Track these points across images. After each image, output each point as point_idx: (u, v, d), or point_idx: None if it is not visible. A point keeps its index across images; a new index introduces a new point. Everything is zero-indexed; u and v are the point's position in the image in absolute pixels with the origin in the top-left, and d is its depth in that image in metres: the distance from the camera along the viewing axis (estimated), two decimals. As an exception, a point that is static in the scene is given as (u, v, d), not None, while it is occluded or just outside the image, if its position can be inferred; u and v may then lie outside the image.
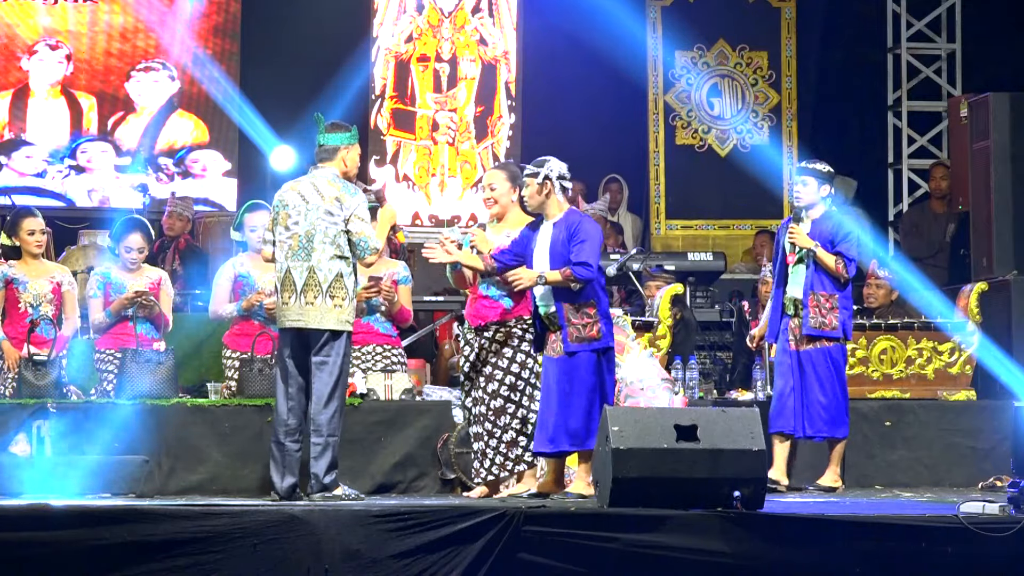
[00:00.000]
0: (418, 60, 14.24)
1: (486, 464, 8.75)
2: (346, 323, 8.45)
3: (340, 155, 8.56)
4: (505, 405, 8.72)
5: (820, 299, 9.30)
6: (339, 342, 8.42)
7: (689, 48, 14.20)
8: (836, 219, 9.43)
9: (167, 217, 12.71)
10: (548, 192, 8.64)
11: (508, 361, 8.73)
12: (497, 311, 8.78)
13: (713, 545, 7.52)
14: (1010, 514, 7.72)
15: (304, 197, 8.47)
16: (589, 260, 8.49)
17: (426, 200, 14.18)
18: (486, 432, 8.74)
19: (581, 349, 8.53)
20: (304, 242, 8.42)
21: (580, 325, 8.55)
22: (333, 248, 8.41)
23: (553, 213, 8.67)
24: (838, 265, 9.28)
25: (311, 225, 8.43)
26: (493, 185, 8.88)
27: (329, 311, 8.39)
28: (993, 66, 14.17)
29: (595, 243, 8.59)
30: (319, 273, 8.40)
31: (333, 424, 8.39)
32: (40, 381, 9.38)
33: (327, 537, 7.45)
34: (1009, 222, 11.70)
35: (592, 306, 8.57)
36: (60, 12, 14.05)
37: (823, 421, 9.33)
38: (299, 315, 8.41)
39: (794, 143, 14.24)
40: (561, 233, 8.58)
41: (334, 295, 8.40)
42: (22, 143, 13.99)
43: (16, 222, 9.96)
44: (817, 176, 9.46)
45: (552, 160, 8.72)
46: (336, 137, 8.58)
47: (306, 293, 8.40)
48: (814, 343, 9.33)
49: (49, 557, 7.34)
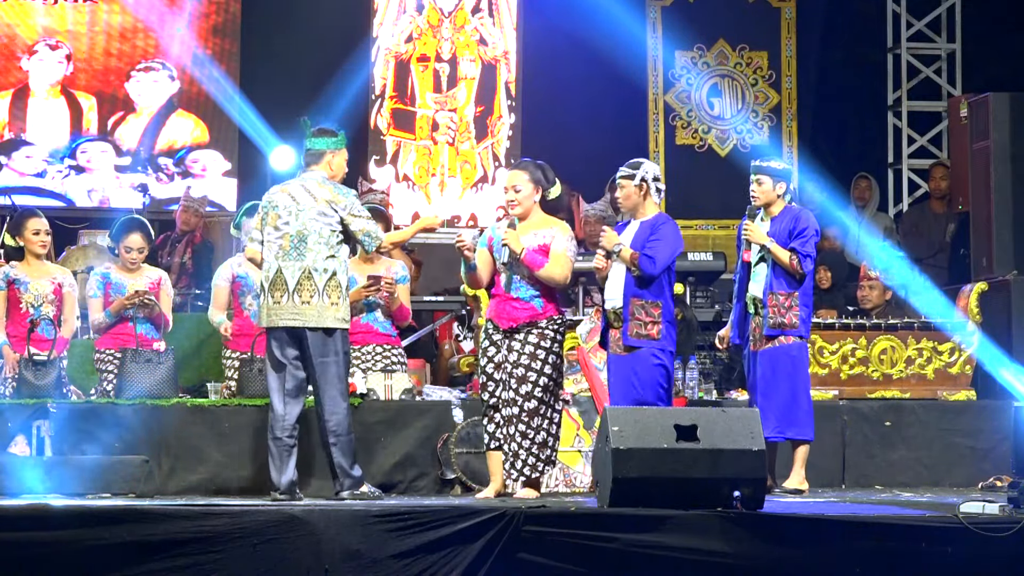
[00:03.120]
0: (418, 60, 14.24)
1: (518, 465, 8.71)
2: (343, 321, 8.55)
3: (326, 159, 8.64)
4: (539, 407, 8.69)
5: (779, 298, 9.20)
6: (338, 340, 8.52)
7: (689, 48, 14.20)
8: (794, 215, 9.35)
9: (182, 211, 12.77)
10: (645, 194, 8.95)
11: (542, 363, 8.70)
12: (528, 312, 8.76)
13: (713, 545, 7.52)
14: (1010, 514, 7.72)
15: (295, 198, 8.53)
16: (657, 257, 8.80)
17: (426, 200, 14.18)
18: (520, 433, 8.68)
19: (641, 345, 8.78)
20: (296, 242, 8.48)
21: (642, 322, 8.81)
22: (327, 248, 8.51)
23: (644, 213, 8.99)
24: (792, 261, 9.16)
25: (303, 226, 8.48)
26: (517, 187, 8.84)
27: (327, 309, 8.47)
28: (993, 66, 14.17)
29: (670, 246, 8.88)
30: (315, 273, 8.46)
31: (349, 421, 8.57)
32: (40, 381, 9.39)
33: (327, 537, 7.45)
34: (1009, 222, 11.69)
35: (657, 307, 8.84)
36: (59, 12, 14.05)
37: (780, 421, 9.10)
38: (294, 314, 8.46)
39: (794, 143, 14.24)
40: (645, 232, 8.91)
41: (330, 294, 8.47)
42: (22, 143, 13.99)
43: (21, 222, 9.98)
44: (772, 173, 9.37)
45: (646, 162, 9.03)
46: (323, 141, 8.65)
47: (300, 293, 8.45)
48: (773, 342, 9.24)
49: (49, 557, 7.34)
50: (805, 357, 9.35)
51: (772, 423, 8.96)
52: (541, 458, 8.70)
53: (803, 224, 9.24)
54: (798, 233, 9.20)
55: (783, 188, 9.38)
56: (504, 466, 8.76)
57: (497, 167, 14.19)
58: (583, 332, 10.01)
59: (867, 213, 13.55)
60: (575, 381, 9.90)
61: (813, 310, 9.52)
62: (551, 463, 8.77)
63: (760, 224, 9.32)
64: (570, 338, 10.05)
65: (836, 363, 10.67)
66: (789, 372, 9.20)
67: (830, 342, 10.67)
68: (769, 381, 9.20)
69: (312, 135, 8.67)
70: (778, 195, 9.36)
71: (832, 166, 14.04)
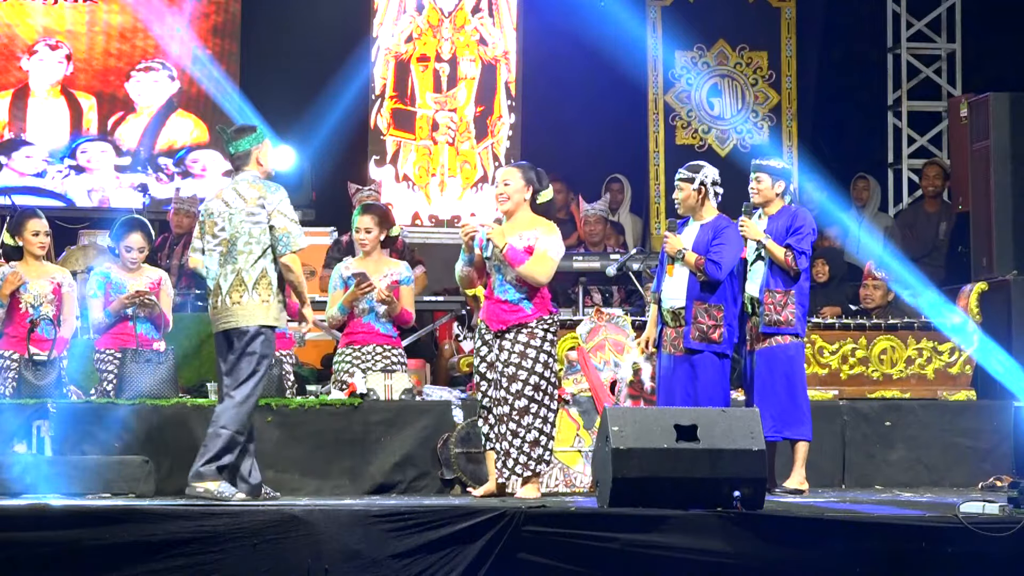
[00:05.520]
0: (418, 60, 14.24)
1: (509, 464, 8.72)
2: (274, 320, 8.44)
3: (254, 156, 8.59)
4: (529, 405, 8.71)
5: (775, 296, 9.21)
6: (259, 342, 8.39)
7: (689, 48, 14.19)
8: (791, 213, 9.35)
9: (174, 214, 12.75)
10: (703, 197, 9.15)
11: (532, 362, 8.72)
12: (517, 315, 8.78)
13: (713, 545, 7.53)
14: (1010, 514, 7.72)
15: (227, 203, 8.52)
16: (723, 262, 8.97)
17: (426, 200, 14.18)
18: (511, 432, 8.71)
19: (703, 348, 8.94)
20: (231, 247, 8.45)
21: (705, 326, 8.96)
22: (259, 247, 8.43)
23: (703, 216, 9.16)
24: (787, 257, 9.19)
25: (235, 229, 8.46)
26: (508, 181, 8.87)
27: (257, 307, 8.40)
28: (993, 66, 14.16)
29: (734, 249, 9.04)
30: (244, 274, 8.41)
31: (230, 418, 8.33)
32: (40, 381, 9.39)
33: (327, 537, 7.45)
34: (1009, 222, 11.69)
35: (720, 310, 8.99)
36: (59, 12, 14.05)
37: (777, 421, 9.12)
38: (227, 317, 8.44)
39: (794, 143, 14.23)
40: (707, 234, 9.05)
41: (260, 292, 8.40)
42: (22, 143, 13.98)
43: (21, 222, 9.98)
44: (772, 172, 9.40)
45: (706, 166, 9.22)
46: (245, 141, 8.61)
47: (231, 294, 8.41)
48: (770, 341, 9.25)
49: (49, 557, 7.34)
50: (802, 357, 9.36)
51: (769, 423, 8.95)
52: (533, 456, 8.70)
53: (800, 222, 9.26)
54: (794, 230, 9.22)
55: (782, 187, 9.39)
56: (496, 465, 8.79)
57: (497, 167, 14.18)
58: (583, 332, 10.02)
59: (867, 213, 13.55)
60: (575, 381, 9.90)
61: (812, 306, 9.52)
62: (545, 462, 8.76)
63: (758, 223, 9.33)
64: (570, 338, 10.06)
65: (836, 363, 10.68)
66: (786, 372, 9.21)
67: (830, 342, 10.68)
68: (766, 381, 9.21)
69: (232, 137, 8.61)
70: (777, 193, 9.38)
71: (832, 166, 14.03)
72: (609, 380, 9.86)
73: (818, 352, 10.60)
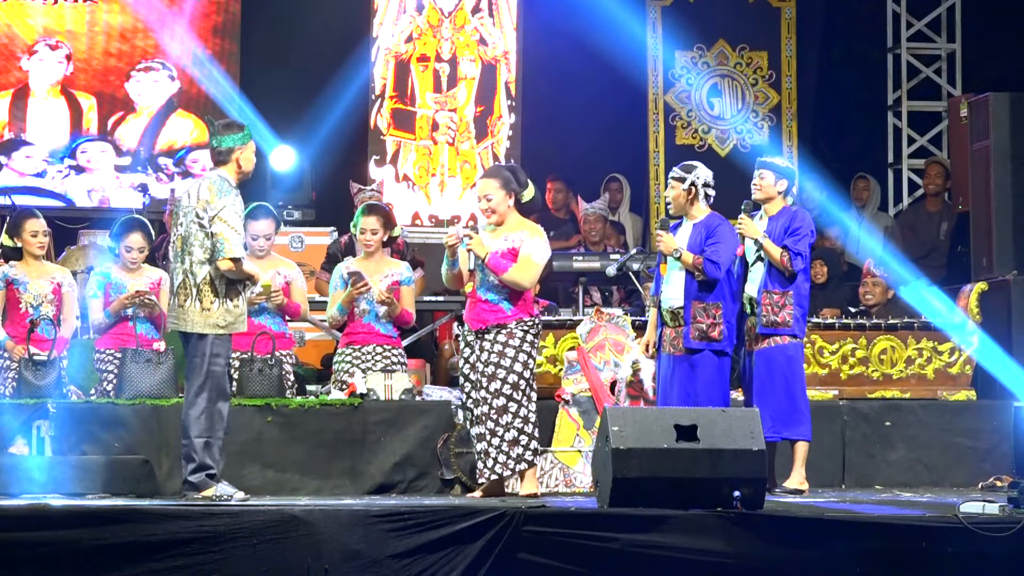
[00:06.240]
0: (418, 60, 14.23)
1: (488, 463, 8.76)
2: (215, 327, 8.39)
3: (235, 156, 8.50)
4: (507, 404, 8.73)
5: (773, 297, 9.21)
6: (208, 343, 8.37)
7: (689, 48, 14.18)
8: (791, 214, 9.34)
9: (170, 215, 12.71)
10: (693, 198, 9.14)
11: (511, 361, 8.76)
12: (496, 315, 8.81)
13: (713, 545, 7.53)
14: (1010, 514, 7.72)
15: (189, 197, 8.48)
16: (720, 261, 8.99)
17: (426, 200, 14.17)
18: (488, 432, 8.75)
19: (703, 347, 8.96)
20: (182, 244, 8.43)
21: (704, 324, 8.97)
22: (202, 252, 8.37)
23: (695, 216, 9.16)
24: (783, 257, 9.18)
25: (186, 228, 8.44)
26: (489, 196, 8.91)
27: (197, 314, 8.38)
28: (993, 66, 14.16)
29: (730, 247, 9.05)
30: (190, 277, 8.40)
31: (201, 426, 8.36)
32: (40, 381, 9.39)
33: (327, 537, 7.46)
34: (1009, 222, 11.69)
35: (718, 308, 9.00)
36: (59, 12, 14.04)
37: (776, 421, 9.10)
38: (174, 318, 8.48)
39: (794, 143, 14.22)
40: (700, 233, 9.06)
41: (202, 299, 8.37)
42: (22, 143, 13.97)
43: (19, 223, 9.98)
44: (775, 170, 9.41)
45: (700, 167, 9.22)
46: (230, 139, 8.50)
47: (179, 294, 8.42)
48: (768, 341, 9.25)
49: (49, 557, 7.35)
50: (801, 357, 9.37)
51: (768, 423, 8.93)
52: (512, 455, 8.71)
53: (798, 223, 9.27)
54: (792, 231, 9.23)
55: (784, 186, 9.40)
56: (477, 466, 8.81)
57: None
58: (583, 332, 10.02)
59: (867, 213, 13.55)
60: (575, 381, 9.90)
61: (812, 307, 9.51)
62: (526, 461, 8.76)
63: (758, 223, 9.34)
64: (570, 338, 10.07)
65: (836, 363, 10.67)
66: (785, 372, 9.21)
67: (830, 342, 10.67)
68: (765, 381, 9.22)
69: (218, 131, 8.50)
70: (779, 192, 9.38)
71: (832, 166, 14.03)
72: (609, 380, 9.86)
73: (818, 352, 10.60)
